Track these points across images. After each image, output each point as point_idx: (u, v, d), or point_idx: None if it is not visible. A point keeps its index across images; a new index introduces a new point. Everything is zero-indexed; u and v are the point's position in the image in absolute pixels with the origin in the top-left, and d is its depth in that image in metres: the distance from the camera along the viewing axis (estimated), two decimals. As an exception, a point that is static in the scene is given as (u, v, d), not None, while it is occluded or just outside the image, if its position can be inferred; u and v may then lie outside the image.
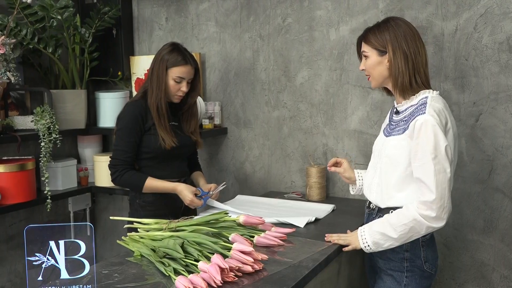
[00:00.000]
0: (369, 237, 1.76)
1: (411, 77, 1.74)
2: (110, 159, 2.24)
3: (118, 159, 2.20)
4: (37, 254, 1.23)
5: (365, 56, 1.82)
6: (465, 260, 2.35)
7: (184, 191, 2.16)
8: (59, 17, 2.68)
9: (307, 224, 2.09)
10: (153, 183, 2.19)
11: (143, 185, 2.18)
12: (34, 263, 1.23)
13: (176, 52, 2.20)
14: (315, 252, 1.75)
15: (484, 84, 2.23)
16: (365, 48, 1.82)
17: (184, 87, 2.21)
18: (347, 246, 1.82)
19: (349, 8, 2.50)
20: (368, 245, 1.77)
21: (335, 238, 1.85)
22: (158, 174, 2.22)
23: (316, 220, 2.15)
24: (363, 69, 1.85)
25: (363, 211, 2.21)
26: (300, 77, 2.66)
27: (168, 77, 2.19)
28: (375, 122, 2.49)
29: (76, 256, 1.25)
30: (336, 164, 2.09)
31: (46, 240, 1.25)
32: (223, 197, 2.66)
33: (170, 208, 2.22)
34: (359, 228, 1.82)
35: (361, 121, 2.53)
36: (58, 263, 1.24)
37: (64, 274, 1.25)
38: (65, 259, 1.24)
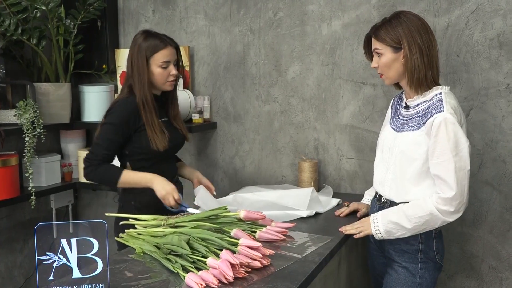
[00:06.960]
0: (382, 225, 1.77)
1: (426, 71, 1.73)
2: (87, 152, 2.08)
3: (95, 154, 2.04)
4: (48, 253, 1.18)
5: (378, 54, 1.78)
6: (455, 252, 2.40)
7: (162, 183, 2.01)
8: (43, 7, 2.60)
9: (306, 218, 2.10)
10: (129, 174, 2.04)
11: (120, 177, 2.02)
12: (44, 262, 1.18)
13: (152, 38, 2.09)
14: (319, 246, 1.75)
15: (475, 80, 2.27)
16: (377, 45, 1.78)
17: (173, 71, 2.11)
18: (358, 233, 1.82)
19: (341, 3, 2.50)
20: (380, 233, 1.78)
21: (349, 228, 1.86)
22: None
23: (316, 214, 2.16)
24: (375, 67, 1.82)
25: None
26: (291, 72, 2.65)
27: (152, 66, 2.07)
28: (366, 116, 2.51)
29: (88, 255, 1.21)
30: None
31: (56, 238, 1.20)
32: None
33: (166, 210, 2.07)
34: (372, 215, 1.83)
35: (352, 116, 2.54)
36: (70, 262, 1.20)
37: (76, 273, 1.20)
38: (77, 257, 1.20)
